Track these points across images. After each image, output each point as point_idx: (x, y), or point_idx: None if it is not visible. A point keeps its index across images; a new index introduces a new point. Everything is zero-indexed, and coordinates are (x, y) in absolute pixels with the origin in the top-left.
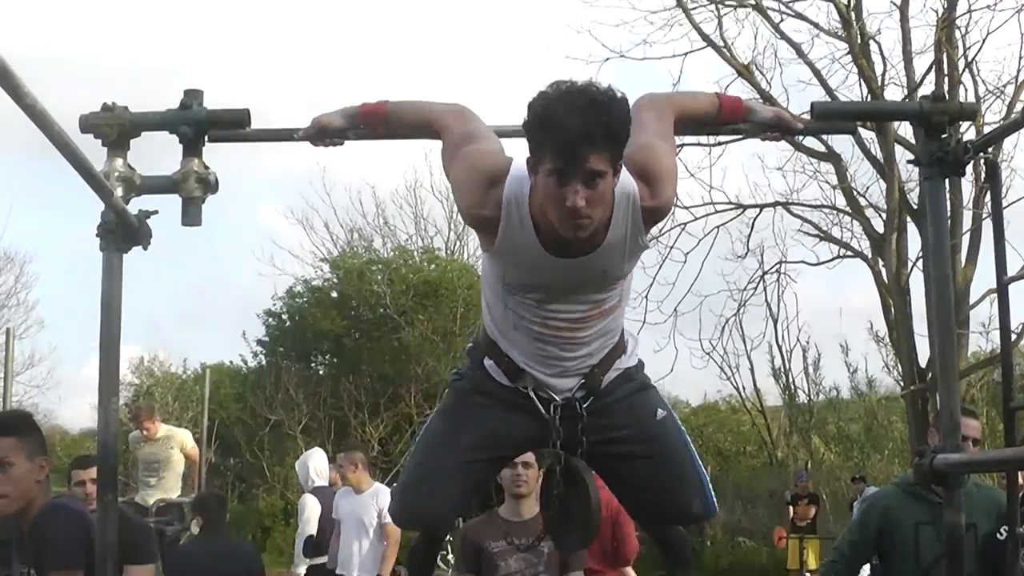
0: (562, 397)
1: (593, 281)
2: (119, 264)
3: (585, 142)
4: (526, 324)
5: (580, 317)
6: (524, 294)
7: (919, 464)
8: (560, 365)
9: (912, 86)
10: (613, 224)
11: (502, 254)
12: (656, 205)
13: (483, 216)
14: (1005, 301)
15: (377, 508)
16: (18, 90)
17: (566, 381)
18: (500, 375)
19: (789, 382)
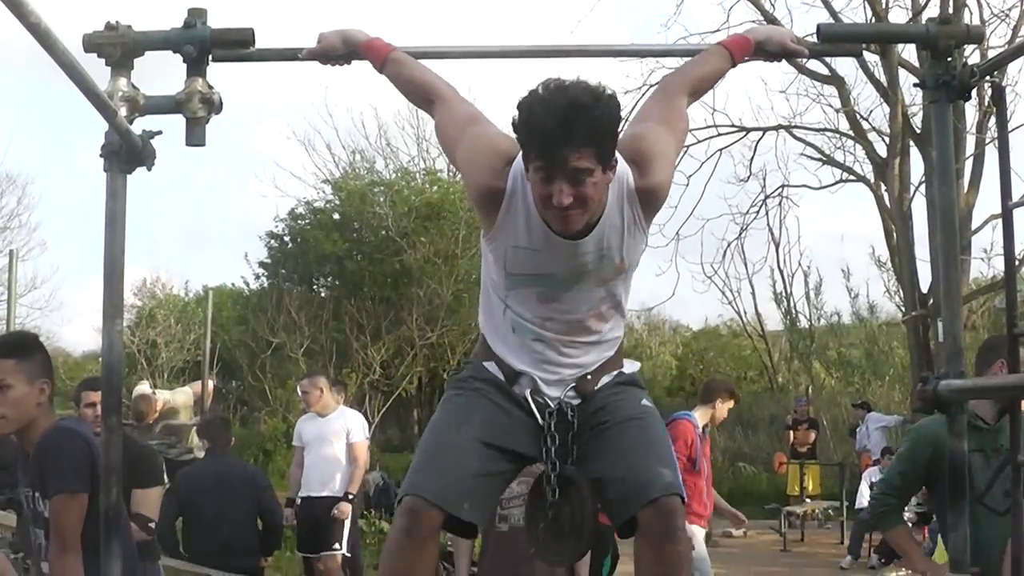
0: (555, 402)
1: (595, 269)
2: (123, 185)
3: (564, 142)
4: (526, 325)
5: (579, 319)
6: (526, 286)
7: (922, 390)
8: (556, 372)
9: (917, 9)
10: (608, 204)
11: (503, 235)
12: (647, 185)
13: (496, 187)
14: (1010, 226)
15: (345, 428)
16: (21, 8)
17: (560, 387)
18: (499, 374)
19: (790, 307)
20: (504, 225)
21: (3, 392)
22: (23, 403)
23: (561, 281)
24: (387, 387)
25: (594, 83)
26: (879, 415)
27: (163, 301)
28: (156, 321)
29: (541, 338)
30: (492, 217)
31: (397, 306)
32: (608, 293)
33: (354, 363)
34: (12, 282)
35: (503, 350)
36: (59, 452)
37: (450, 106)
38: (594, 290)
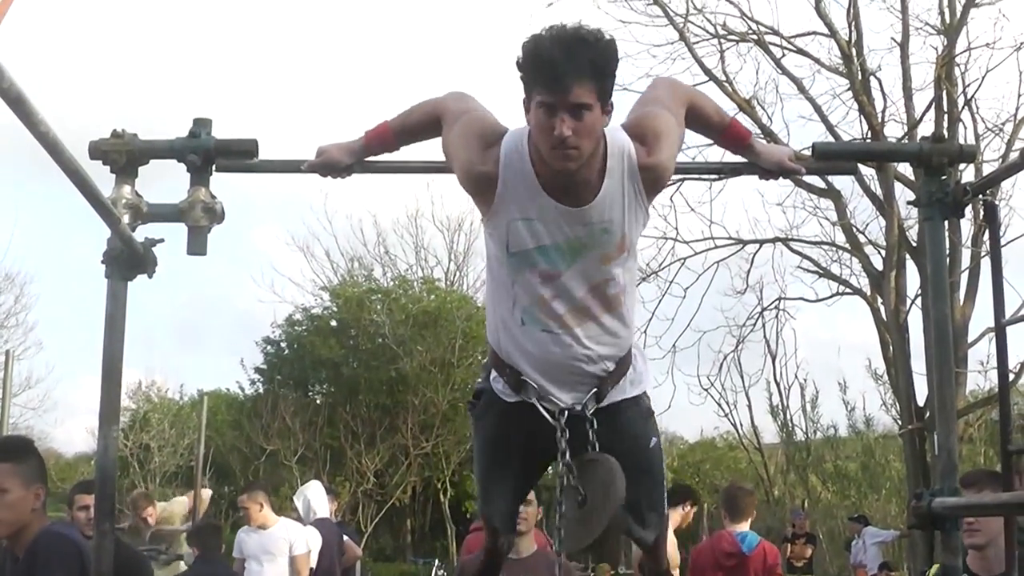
0: (568, 405)
1: (596, 242)
2: (123, 291)
3: (570, 73)
4: (534, 313)
5: (583, 298)
6: (530, 266)
7: (916, 506)
8: (568, 370)
9: (912, 123)
10: (608, 174)
11: (504, 209)
12: (651, 162)
13: (481, 173)
14: (1003, 344)
15: (288, 540)
16: (32, 117)
17: (572, 392)
18: (504, 388)
19: (787, 419)
20: (502, 201)
21: (1, 496)
22: (18, 507)
23: (563, 253)
24: (380, 496)
25: (593, 27)
26: (875, 530)
27: (157, 405)
28: (150, 424)
29: (549, 327)
30: (489, 199)
31: (392, 414)
32: (611, 275)
33: (348, 471)
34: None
35: (511, 350)
36: (49, 557)
37: (448, 114)
38: (597, 267)
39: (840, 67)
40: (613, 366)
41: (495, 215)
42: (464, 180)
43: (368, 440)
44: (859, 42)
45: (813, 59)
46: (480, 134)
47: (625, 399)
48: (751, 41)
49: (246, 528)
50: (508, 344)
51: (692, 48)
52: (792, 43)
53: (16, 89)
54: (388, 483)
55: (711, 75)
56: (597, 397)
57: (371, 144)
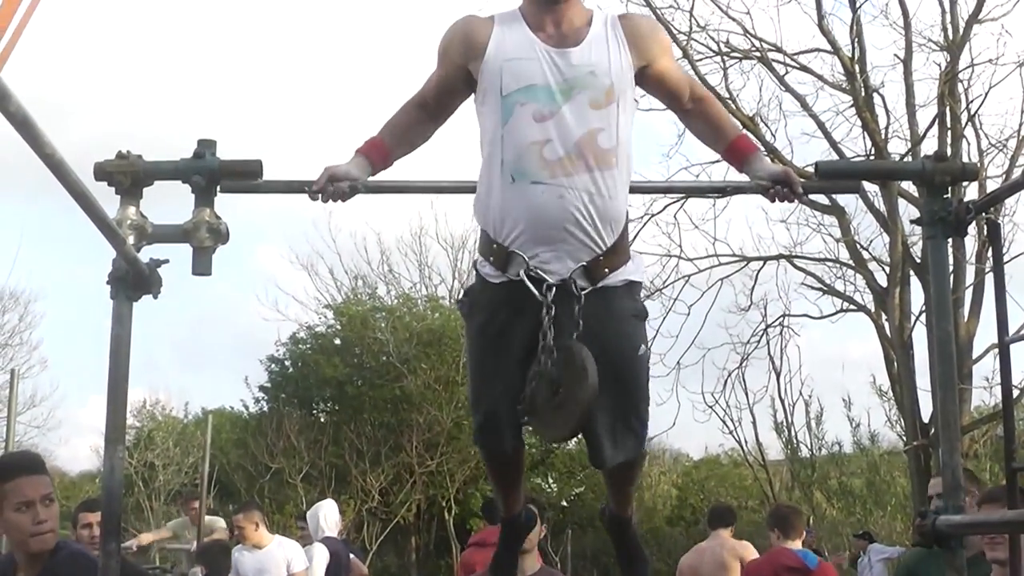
0: (557, 278)
1: (585, 84)
2: (129, 312)
3: None
4: (525, 165)
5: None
6: (520, 104)
7: (921, 524)
8: (561, 228)
9: (915, 139)
10: (593, 24)
11: (496, 54)
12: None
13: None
14: (1007, 361)
15: (285, 559)
16: (38, 140)
17: (564, 261)
18: (491, 271)
19: (791, 436)
20: (495, 50)
21: (49, 507)
22: (58, 519)
23: (555, 93)
24: (385, 514)
25: None
26: (881, 546)
27: (162, 423)
28: (154, 443)
29: (540, 178)
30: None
31: (397, 432)
32: (603, 124)
33: (352, 489)
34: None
35: (502, 215)
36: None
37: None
38: (587, 111)
39: (843, 84)
40: (608, 242)
41: (489, 62)
42: (461, 45)
43: (373, 458)
44: (862, 59)
45: (816, 76)
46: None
47: (618, 286)
48: (754, 58)
49: (241, 547)
50: (499, 208)
51: (695, 65)
52: (795, 60)
53: (23, 112)
54: (393, 501)
55: (714, 92)
56: (589, 275)
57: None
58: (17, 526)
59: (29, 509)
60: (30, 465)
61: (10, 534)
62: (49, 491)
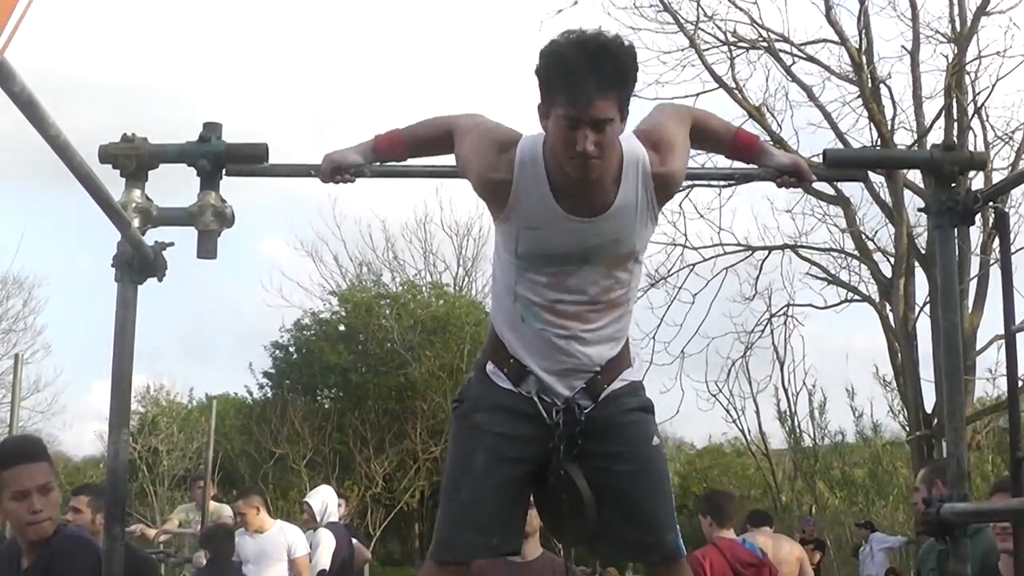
0: (563, 400)
1: (606, 251)
2: (134, 295)
3: (595, 87)
4: (535, 311)
5: (589, 301)
6: (536, 269)
7: (925, 513)
8: (565, 362)
9: (922, 131)
10: (623, 184)
11: (516, 215)
12: (666, 171)
13: (496, 180)
14: (1012, 351)
15: (286, 543)
16: (43, 121)
17: (568, 383)
18: (503, 379)
19: (794, 426)
20: (514, 208)
21: (47, 495)
22: (58, 505)
23: (572, 261)
24: (389, 500)
25: (612, 33)
26: (883, 535)
27: (166, 409)
28: (158, 428)
29: (550, 325)
30: (502, 204)
31: (401, 419)
32: (618, 279)
33: (356, 476)
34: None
35: (515, 343)
36: (70, 561)
37: (460, 131)
38: (604, 273)
39: (850, 75)
40: (607, 360)
41: (507, 220)
42: (479, 186)
43: (377, 445)
44: (869, 50)
45: (823, 66)
46: (495, 140)
47: (618, 388)
48: (761, 48)
49: (243, 531)
50: (511, 336)
51: (702, 55)
52: (802, 50)
53: (27, 92)
54: (396, 488)
55: (721, 82)
56: (590, 393)
57: (380, 148)
58: (15, 515)
59: (25, 499)
60: (28, 453)
61: (10, 521)
62: (47, 480)
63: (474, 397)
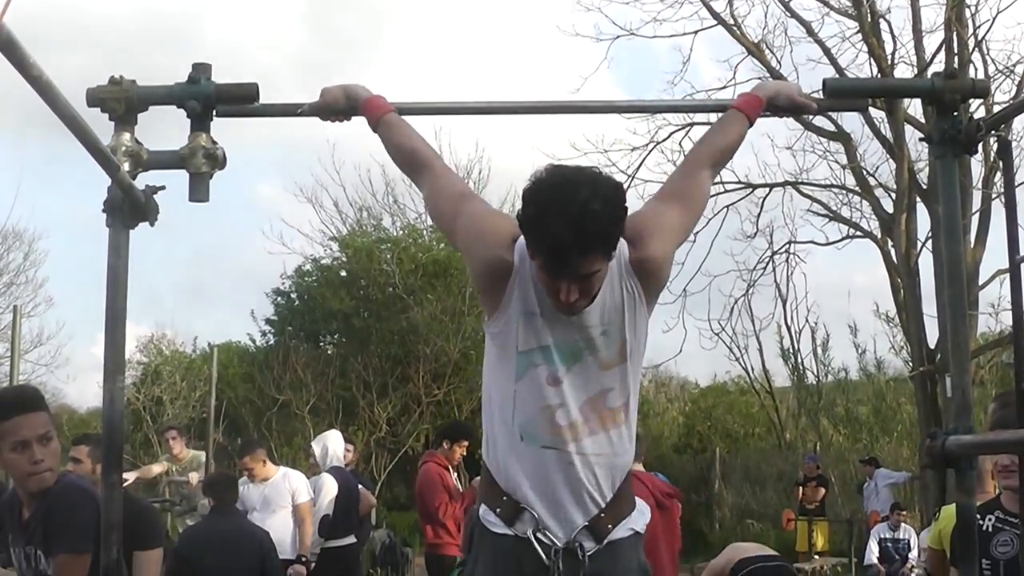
0: (563, 541)
1: (598, 345)
2: (126, 240)
3: (575, 252)
4: (535, 425)
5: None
6: (534, 366)
7: (930, 446)
8: (566, 492)
9: (922, 65)
10: (608, 279)
11: (515, 301)
12: (642, 256)
13: (508, 263)
14: (1017, 281)
15: (290, 490)
16: (24, 61)
17: (570, 519)
18: (496, 523)
19: (798, 363)
20: (514, 293)
21: (47, 444)
22: (58, 455)
23: (564, 356)
24: (394, 444)
25: (601, 177)
26: (887, 472)
27: (169, 358)
28: (161, 378)
29: (550, 443)
30: (501, 292)
31: (404, 363)
32: (612, 384)
33: (360, 420)
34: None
35: (510, 470)
36: (72, 510)
37: (438, 178)
38: (595, 374)
39: (849, 9)
40: (609, 496)
41: (507, 307)
42: (487, 269)
43: (380, 390)
44: None
45: (822, 1)
46: (502, 227)
47: (624, 538)
48: None
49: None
50: (507, 464)
51: None
52: None
53: (7, 32)
54: (400, 432)
55: (719, 18)
56: (593, 533)
57: (365, 110)
58: (15, 465)
59: (25, 449)
60: (26, 403)
61: (10, 472)
62: (46, 429)
63: (474, 556)
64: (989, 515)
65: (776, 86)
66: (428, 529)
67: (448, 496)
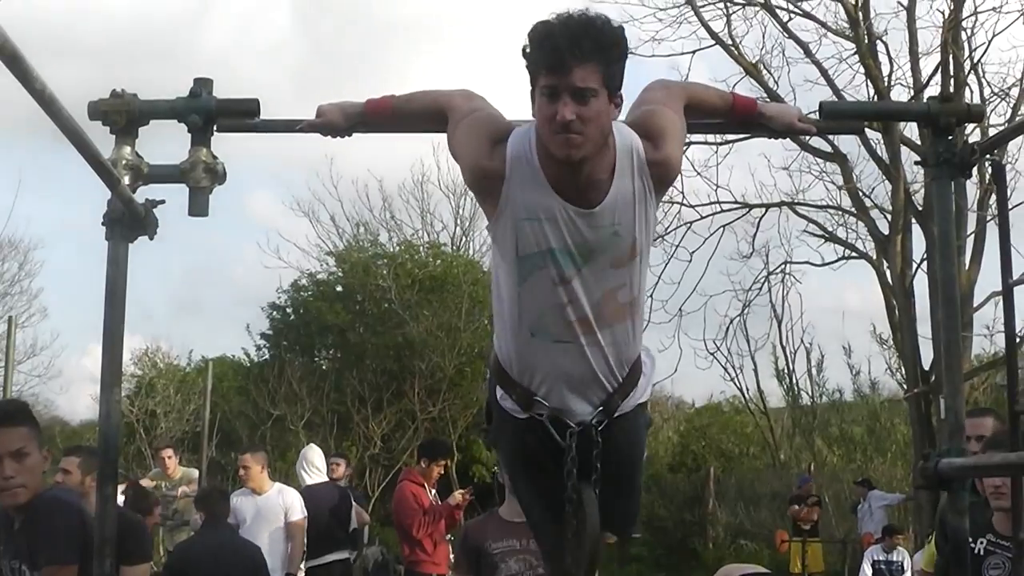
0: (578, 422)
1: (607, 246)
2: (125, 253)
3: (574, 54)
4: (544, 323)
5: (597, 303)
6: (539, 268)
7: (923, 467)
8: (579, 380)
9: (918, 87)
10: (617, 176)
11: (511, 208)
12: (660, 158)
13: (489, 169)
14: (1011, 304)
15: (283, 506)
16: (27, 74)
17: (584, 404)
18: (513, 406)
19: (792, 383)
20: (509, 199)
21: (22, 460)
22: (37, 471)
23: (573, 257)
24: (388, 460)
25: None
26: (881, 493)
27: (163, 371)
28: (155, 391)
29: (560, 337)
30: (495, 198)
31: (399, 379)
32: (623, 281)
33: (355, 436)
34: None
35: (522, 364)
36: (52, 522)
37: (454, 112)
38: (608, 272)
39: (847, 31)
40: (623, 378)
41: (502, 215)
42: (470, 178)
43: (375, 405)
44: (866, 5)
45: (820, 23)
46: (488, 131)
47: (631, 410)
48: (757, 5)
49: (241, 492)
50: (517, 358)
51: (698, 11)
52: (798, 6)
53: (11, 46)
54: (395, 448)
55: (717, 39)
56: (606, 411)
57: (369, 114)
58: None
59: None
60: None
61: None
62: (22, 444)
63: (496, 426)
64: (981, 538)
65: (778, 110)
66: (405, 547)
67: (423, 514)
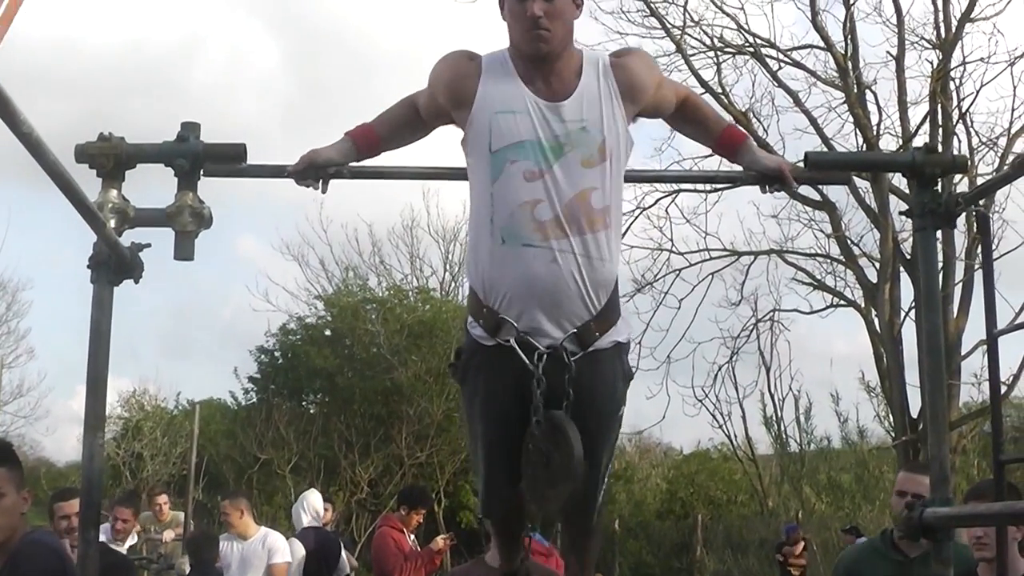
0: (548, 344)
1: (577, 141)
2: (110, 297)
3: None
4: (516, 224)
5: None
6: (511, 161)
7: (908, 517)
8: (552, 293)
9: (907, 136)
10: (585, 73)
11: (485, 105)
12: (623, 62)
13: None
14: (995, 354)
15: (266, 551)
16: (14, 117)
17: (557, 322)
18: (480, 333)
19: (781, 431)
20: (484, 96)
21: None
22: (13, 512)
23: (544, 151)
24: (375, 506)
25: None
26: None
27: (150, 413)
28: (142, 433)
29: (531, 240)
30: (469, 102)
31: (387, 424)
32: (595, 183)
33: (342, 480)
34: None
35: (492, 276)
36: (34, 565)
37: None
38: (579, 171)
39: (836, 80)
40: (600, 305)
41: (477, 114)
42: (449, 79)
43: (362, 450)
44: (855, 55)
45: (809, 72)
46: (460, 54)
47: (607, 348)
48: (747, 54)
49: (227, 536)
50: (489, 270)
51: (689, 60)
52: (788, 56)
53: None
54: (382, 493)
55: (707, 87)
56: (580, 340)
57: (358, 143)
58: None
59: None
60: None
61: None
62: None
63: (464, 361)
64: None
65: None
66: None
67: (404, 559)
